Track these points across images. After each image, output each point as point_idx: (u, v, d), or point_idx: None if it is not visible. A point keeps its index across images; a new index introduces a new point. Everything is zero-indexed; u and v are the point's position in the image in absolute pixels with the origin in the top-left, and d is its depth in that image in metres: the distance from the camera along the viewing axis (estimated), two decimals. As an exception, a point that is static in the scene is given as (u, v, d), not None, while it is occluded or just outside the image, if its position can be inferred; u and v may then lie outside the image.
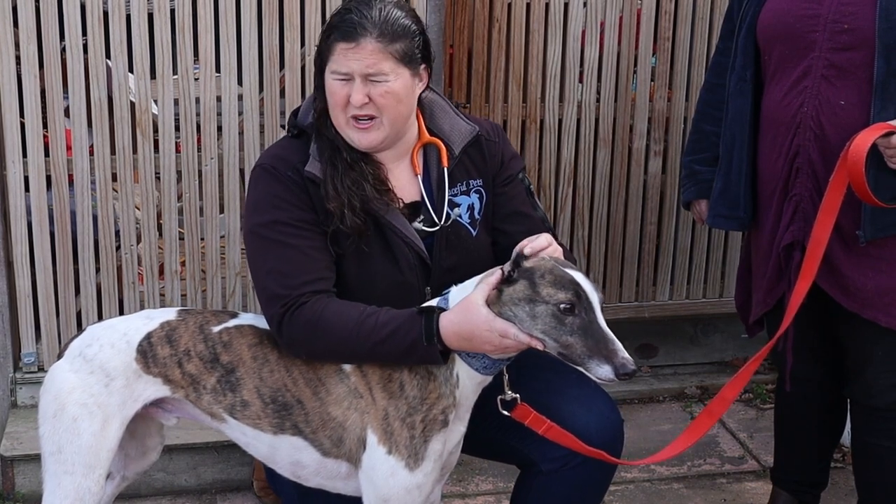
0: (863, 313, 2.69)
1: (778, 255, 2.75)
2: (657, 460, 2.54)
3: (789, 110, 2.66)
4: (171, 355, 2.39)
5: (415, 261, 2.43)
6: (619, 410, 2.55)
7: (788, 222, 2.72)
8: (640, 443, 3.63)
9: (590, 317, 2.14)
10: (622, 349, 2.11)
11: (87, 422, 2.33)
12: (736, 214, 2.86)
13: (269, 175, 2.41)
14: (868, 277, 2.66)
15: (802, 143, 2.65)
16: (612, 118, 3.79)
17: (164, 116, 3.41)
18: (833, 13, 2.58)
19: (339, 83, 2.35)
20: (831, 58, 2.58)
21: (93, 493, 2.35)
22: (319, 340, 2.30)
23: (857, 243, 2.63)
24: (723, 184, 2.87)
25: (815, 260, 2.56)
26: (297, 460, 2.39)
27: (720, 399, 2.57)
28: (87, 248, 3.46)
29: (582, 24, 3.68)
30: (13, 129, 3.32)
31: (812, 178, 2.66)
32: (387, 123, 2.38)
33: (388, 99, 2.35)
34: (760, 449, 3.67)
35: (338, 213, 2.36)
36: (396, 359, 2.28)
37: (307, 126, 2.47)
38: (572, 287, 2.14)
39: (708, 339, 4.17)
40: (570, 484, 2.48)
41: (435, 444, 2.28)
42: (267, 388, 2.36)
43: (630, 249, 3.94)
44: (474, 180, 2.50)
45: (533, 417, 2.31)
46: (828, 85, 2.60)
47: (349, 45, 2.33)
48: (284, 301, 2.32)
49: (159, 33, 3.34)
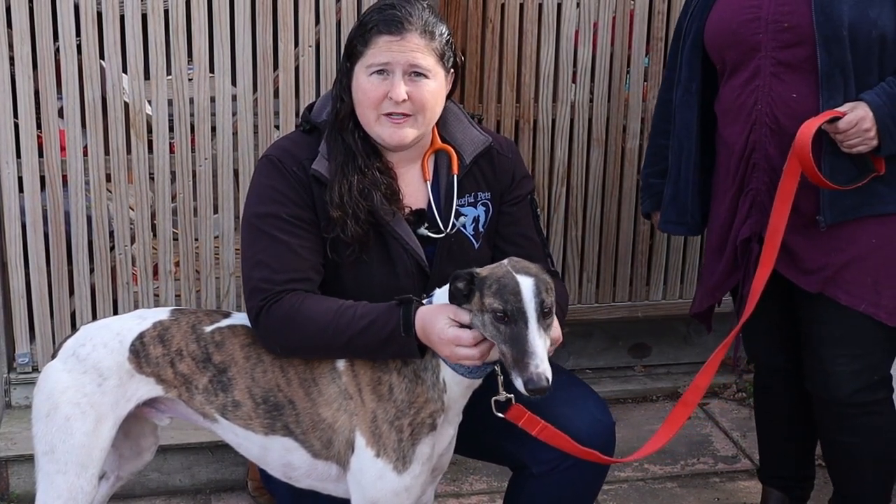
0: (825, 291, 2.71)
1: (734, 249, 2.81)
2: (640, 456, 2.55)
3: (744, 109, 2.72)
4: (163, 355, 2.39)
5: (413, 268, 2.42)
6: (610, 413, 2.56)
7: (745, 215, 2.77)
8: (633, 442, 3.63)
9: (520, 326, 2.11)
10: (538, 363, 2.07)
11: (80, 421, 2.33)
12: (684, 220, 2.95)
13: (274, 167, 2.40)
14: (829, 256, 2.69)
15: (759, 139, 2.71)
16: (605, 118, 3.80)
17: (158, 117, 3.41)
18: (773, 14, 2.65)
19: (376, 79, 2.33)
20: (777, 55, 2.66)
21: (86, 493, 2.36)
22: (296, 332, 2.29)
23: (816, 228, 2.67)
24: (672, 191, 2.96)
25: (773, 248, 2.63)
26: (288, 461, 2.39)
27: (693, 388, 2.62)
28: (81, 249, 3.47)
29: (575, 24, 3.69)
30: (7, 129, 3.32)
31: (768, 173, 2.71)
32: (421, 122, 2.37)
33: (429, 98, 2.35)
34: (753, 448, 3.67)
35: (340, 222, 2.35)
36: (373, 351, 2.27)
37: (320, 123, 2.45)
38: (510, 295, 2.12)
39: (701, 338, 4.17)
40: (562, 486, 2.48)
41: (423, 448, 2.28)
42: (259, 389, 2.36)
43: (623, 249, 3.94)
44: (482, 192, 2.49)
45: (527, 418, 2.31)
46: (778, 81, 2.66)
47: (394, 38, 2.32)
48: (265, 295, 2.32)
49: (153, 34, 3.35)
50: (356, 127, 2.40)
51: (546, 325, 2.13)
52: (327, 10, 3.46)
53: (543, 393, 2.07)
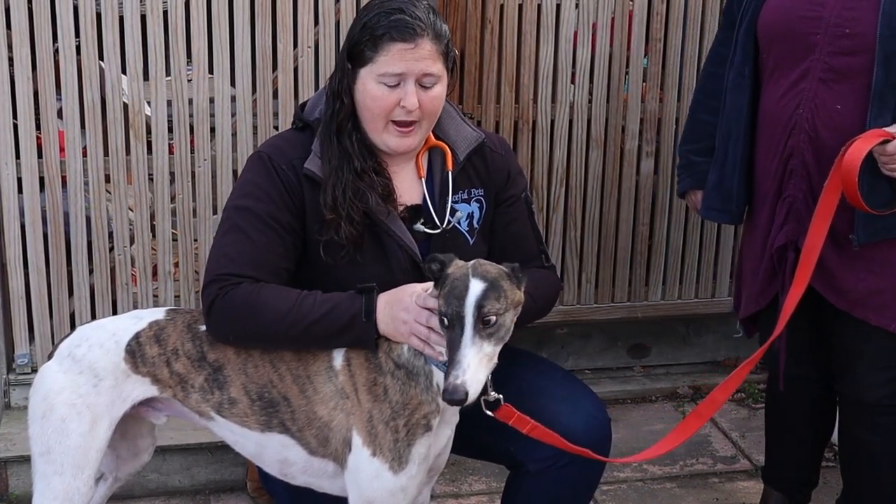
0: (853, 312, 2.70)
1: (771, 256, 2.76)
2: (644, 458, 2.56)
3: (786, 111, 2.66)
4: (159, 355, 2.39)
5: (407, 264, 2.42)
6: (605, 409, 2.56)
7: (782, 223, 2.73)
8: (632, 442, 3.64)
9: (456, 332, 2.10)
10: (458, 375, 2.04)
11: (76, 422, 2.33)
12: (729, 208, 2.86)
13: (262, 164, 2.39)
14: (860, 279, 2.67)
15: (797, 145, 2.65)
16: (604, 119, 3.80)
17: (157, 118, 3.41)
18: (835, 17, 2.56)
19: (387, 88, 2.31)
20: (830, 61, 2.58)
21: (82, 494, 2.35)
22: (253, 319, 2.28)
23: (849, 245, 2.64)
24: (717, 177, 2.87)
25: (809, 266, 2.57)
26: (284, 458, 2.39)
27: (710, 401, 2.58)
28: (80, 250, 3.47)
29: (574, 25, 3.69)
30: (6, 130, 3.33)
31: (806, 180, 2.66)
32: (425, 127, 2.38)
33: (436, 104, 2.36)
34: (752, 448, 3.69)
35: (334, 224, 2.34)
36: (330, 338, 2.27)
37: (313, 121, 2.44)
38: (454, 299, 2.11)
39: (700, 338, 4.18)
40: (558, 484, 2.48)
41: (419, 448, 2.28)
42: (254, 385, 2.36)
43: (622, 250, 3.94)
44: (476, 189, 2.49)
45: (517, 418, 2.31)
46: (825, 88, 2.59)
47: (408, 46, 2.29)
48: (222, 284, 2.30)
49: (152, 35, 3.35)
50: (354, 129, 2.38)
51: (487, 335, 2.10)
52: (326, 10, 3.46)
53: (459, 405, 2.07)
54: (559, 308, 3.91)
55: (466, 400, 2.05)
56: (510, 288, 2.16)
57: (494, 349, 2.14)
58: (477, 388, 2.08)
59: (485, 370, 2.12)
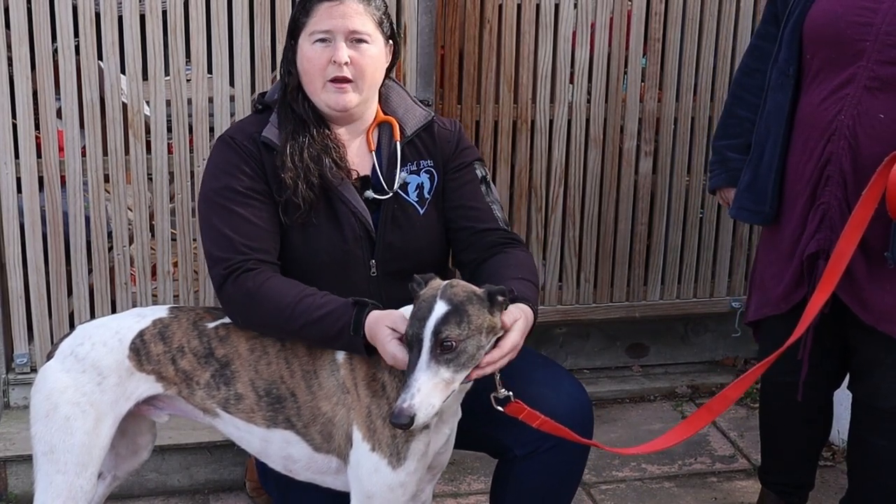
0: (879, 326, 2.65)
1: (801, 262, 2.71)
2: (650, 450, 2.54)
3: (826, 116, 2.61)
4: (164, 352, 2.40)
5: (361, 232, 2.49)
6: (585, 390, 2.58)
7: (815, 230, 2.67)
8: (630, 441, 3.65)
9: (414, 353, 2.10)
10: (406, 399, 2.05)
11: (80, 420, 2.33)
12: (761, 209, 2.80)
13: (226, 144, 2.51)
14: (886, 292, 2.62)
15: (835, 151, 2.60)
16: (602, 119, 3.81)
17: (156, 118, 3.42)
18: (887, 24, 2.52)
19: (319, 46, 2.44)
20: (878, 70, 2.53)
21: (85, 492, 2.36)
22: (255, 311, 2.36)
23: (880, 259, 2.58)
24: (751, 176, 2.82)
25: (836, 273, 2.52)
26: (288, 454, 2.41)
27: (722, 397, 2.53)
28: (79, 250, 3.47)
29: (572, 25, 3.70)
30: (5, 130, 3.33)
31: (842, 188, 2.61)
32: (363, 87, 2.47)
33: (369, 62, 2.45)
34: (751, 448, 3.69)
35: (291, 184, 2.43)
36: (323, 341, 2.33)
37: (271, 102, 2.56)
38: (417, 320, 2.11)
39: (698, 338, 4.19)
40: (547, 467, 2.52)
41: (417, 445, 2.29)
42: (262, 381, 2.38)
43: (621, 249, 3.95)
44: (425, 160, 2.57)
45: (527, 413, 2.32)
46: (870, 96, 2.54)
47: (333, 3, 2.42)
48: (227, 264, 2.39)
49: (151, 35, 3.35)
50: (304, 98, 2.50)
51: (445, 360, 2.09)
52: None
53: (403, 429, 2.07)
54: (557, 307, 3.92)
55: (412, 424, 2.04)
56: (477, 313, 2.13)
57: (454, 375, 2.11)
58: (427, 412, 2.06)
59: (440, 395, 2.09)
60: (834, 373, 2.95)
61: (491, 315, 2.16)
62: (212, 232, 2.44)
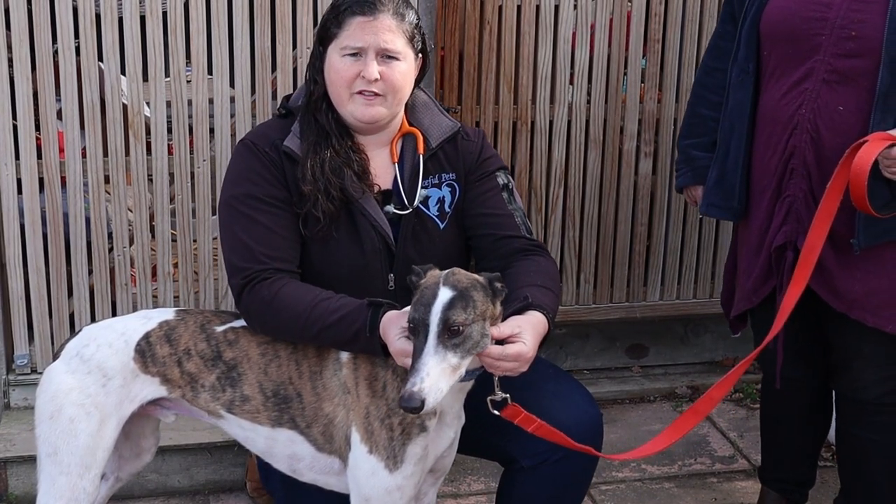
0: (851, 314, 2.70)
1: (769, 255, 2.76)
2: (641, 455, 2.56)
3: (787, 110, 2.66)
4: (170, 354, 2.40)
5: (380, 245, 2.48)
6: (597, 404, 2.58)
7: (781, 223, 2.72)
8: (630, 442, 3.65)
9: (420, 340, 2.09)
10: (415, 383, 2.03)
11: (85, 422, 2.34)
12: (730, 205, 2.84)
13: (249, 150, 2.49)
14: (857, 280, 2.67)
15: (798, 145, 2.65)
16: (602, 119, 3.81)
17: (156, 118, 3.42)
18: (841, 19, 2.55)
19: (349, 60, 2.41)
20: (835, 63, 2.57)
21: (88, 493, 2.37)
22: (273, 317, 2.35)
23: (848, 247, 2.63)
24: (718, 173, 2.86)
25: (808, 266, 2.56)
26: (293, 452, 2.41)
27: (707, 398, 2.57)
28: (79, 250, 3.47)
29: (572, 26, 3.70)
30: (6, 131, 3.32)
31: (806, 180, 2.66)
32: (392, 102, 2.45)
33: (399, 77, 2.43)
34: (750, 448, 3.69)
35: (312, 197, 2.41)
36: (341, 344, 2.33)
37: (295, 108, 2.54)
38: (421, 306, 2.11)
39: (698, 339, 4.19)
40: (553, 479, 2.51)
41: (414, 448, 2.28)
42: (270, 383, 2.38)
43: (621, 250, 3.95)
44: (447, 174, 2.55)
45: (523, 417, 2.31)
46: (828, 89, 2.58)
47: (367, 19, 2.39)
48: (245, 274, 2.38)
49: (151, 36, 3.35)
50: (329, 108, 2.48)
51: (452, 345, 2.09)
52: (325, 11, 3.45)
53: (414, 412, 2.05)
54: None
55: (423, 408, 2.03)
56: (482, 299, 2.14)
57: (460, 361, 2.11)
58: (436, 397, 2.05)
59: (447, 380, 2.09)
60: (827, 368, 2.96)
61: (493, 303, 2.19)
62: (231, 240, 2.43)
